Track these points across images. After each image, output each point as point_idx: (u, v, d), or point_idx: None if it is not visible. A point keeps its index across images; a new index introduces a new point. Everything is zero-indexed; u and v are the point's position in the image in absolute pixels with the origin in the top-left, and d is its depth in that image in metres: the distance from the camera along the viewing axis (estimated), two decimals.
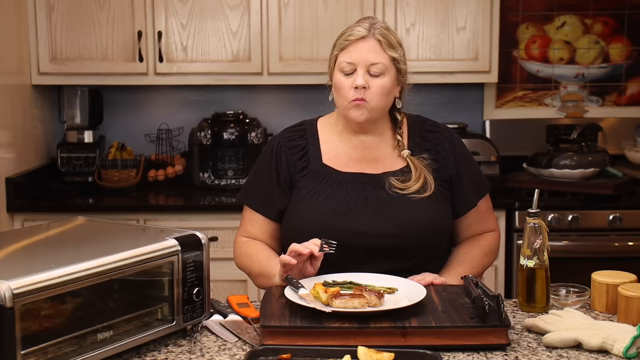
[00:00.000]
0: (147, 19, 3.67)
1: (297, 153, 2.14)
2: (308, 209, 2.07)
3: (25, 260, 1.62)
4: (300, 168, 2.12)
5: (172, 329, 1.71)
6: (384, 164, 2.11)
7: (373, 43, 2.03)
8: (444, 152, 2.14)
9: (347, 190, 2.07)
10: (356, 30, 2.04)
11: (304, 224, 2.05)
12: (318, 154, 2.13)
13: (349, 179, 2.09)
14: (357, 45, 2.03)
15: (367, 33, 2.03)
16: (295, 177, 2.12)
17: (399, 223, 2.03)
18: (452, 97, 4.09)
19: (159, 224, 3.33)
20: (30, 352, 1.42)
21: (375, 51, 2.03)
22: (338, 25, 3.68)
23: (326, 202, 2.06)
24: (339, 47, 2.06)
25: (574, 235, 3.51)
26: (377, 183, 2.08)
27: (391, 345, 1.62)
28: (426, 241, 2.06)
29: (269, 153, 2.16)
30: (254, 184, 2.18)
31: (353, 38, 2.03)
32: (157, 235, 1.75)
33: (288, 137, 2.17)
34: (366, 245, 2.02)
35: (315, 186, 2.09)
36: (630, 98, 4.13)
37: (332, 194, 2.07)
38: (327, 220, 2.03)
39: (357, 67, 2.02)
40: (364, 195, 2.06)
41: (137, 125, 4.05)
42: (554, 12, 4.08)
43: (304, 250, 1.87)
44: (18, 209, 3.47)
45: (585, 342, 1.65)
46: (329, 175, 2.10)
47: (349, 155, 2.12)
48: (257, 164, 2.21)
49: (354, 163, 2.12)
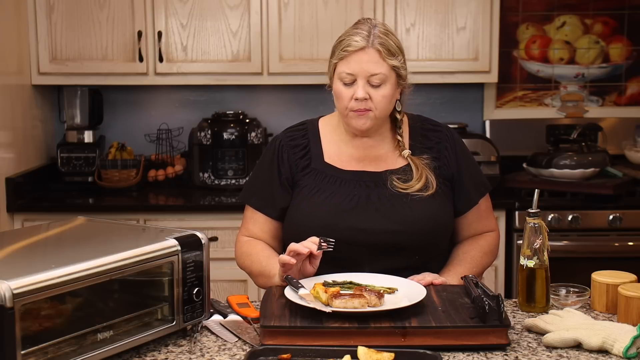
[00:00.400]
0: (147, 19, 3.67)
1: (299, 152, 2.13)
2: (311, 207, 2.06)
3: (25, 260, 1.62)
4: (302, 167, 2.12)
5: (172, 329, 1.71)
6: (386, 162, 2.12)
7: (372, 53, 2.00)
8: (445, 150, 2.14)
9: (349, 188, 2.07)
10: (354, 41, 2.00)
11: (306, 222, 2.04)
12: (320, 153, 2.13)
13: (351, 177, 2.09)
14: (356, 56, 2.00)
15: (365, 43, 1.99)
16: (297, 175, 2.11)
17: (402, 220, 2.03)
18: (452, 97, 4.09)
19: (159, 224, 3.33)
20: (30, 352, 1.42)
21: (375, 61, 2.00)
22: (338, 25, 3.68)
23: (329, 199, 2.06)
24: (337, 56, 2.03)
25: (574, 235, 3.51)
26: (379, 181, 2.08)
27: (391, 345, 1.62)
28: (428, 239, 2.06)
29: (271, 152, 2.16)
30: (255, 184, 2.18)
31: (352, 49, 2.00)
32: (157, 235, 1.75)
33: (290, 137, 2.16)
34: (369, 243, 2.02)
35: (317, 184, 2.09)
36: (630, 98, 4.12)
37: (334, 191, 2.07)
38: (329, 217, 2.03)
39: (357, 78, 2.00)
40: (367, 193, 2.06)
41: (137, 125, 4.05)
42: (554, 12, 4.08)
43: (302, 250, 1.87)
44: (18, 209, 3.47)
45: (585, 342, 1.65)
46: (331, 173, 2.10)
47: (351, 154, 2.12)
48: (258, 164, 2.20)
49: (355, 162, 2.12)
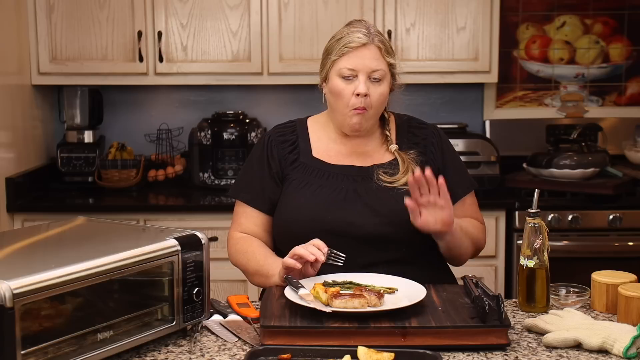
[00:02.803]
0: (147, 19, 3.67)
1: (288, 147, 2.17)
2: (299, 200, 2.09)
3: (25, 260, 1.62)
4: (291, 161, 2.15)
5: (172, 329, 1.71)
6: (372, 157, 2.15)
7: (374, 50, 2.06)
8: (431, 146, 2.17)
9: (337, 182, 2.10)
10: (356, 37, 2.06)
11: (295, 215, 2.07)
12: (308, 148, 2.17)
13: (338, 171, 2.12)
14: (358, 52, 2.05)
15: (367, 40, 2.06)
16: (286, 169, 2.14)
17: (389, 213, 2.05)
18: (452, 97, 4.09)
19: (159, 224, 3.33)
20: (30, 352, 1.42)
21: (376, 58, 2.06)
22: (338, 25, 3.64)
23: (317, 192, 2.09)
24: (338, 53, 2.07)
25: (574, 235, 3.51)
26: (366, 175, 2.11)
27: (391, 345, 1.62)
28: (414, 232, 2.05)
29: (260, 148, 2.20)
30: (244, 179, 2.21)
31: (354, 45, 2.05)
32: (157, 235, 1.75)
33: (279, 133, 2.21)
34: (356, 235, 2.03)
35: (305, 178, 2.12)
36: (630, 98, 4.12)
37: (322, 185, 2.10)
38: (318, 210, 2.06)
39: (359, 74, 2.05)
40: (354, 186, 2.09)
41: (137, 125, 4.05)
42: (554, 12, 4.08)
43: (308, 257, 1.87)
44: (18, 209, 3.47)
45: (585, 342, 1.65)
46: (319, 167, 2.13)
47: (338, 149, 2.16)
48: (248, 160, 2.24)
49: (343, 157, 2.15)
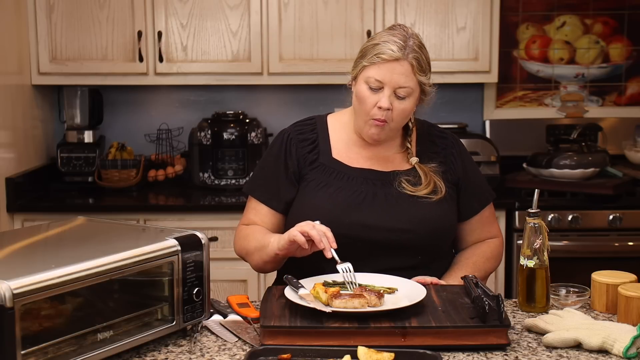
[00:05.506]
0: (147, 19, 3.67)
1: (308, 146, 2.13)
2: (317, 201, 2.06)
3: (25, 260, 1.62)
4: (310, 161, 2.11)
5: (172, 329, 1.71)
6: (393, 163, 2.12)
7: (405, 66, 1.98)
8: (451, 156, 2.15)
9: (356, 185, 2.07)
10: (389, 49, 1.97)
11: (312, 216, 2.01)
12: (328, 148, 2.13)
13: (358, 174, 2.09)
14: (389, 65, 1.97)
15: (401, 55, 1.97)
16: (305, 169, 2.11)
17: (407, 219, 2.03)
18: (452, 97, 4.08)
19: (159, 224, 3.33)
20: (30, 352, 1.42)
21: (406, 75, 1.98)
22: (338, 26, 3.68)
23: (335, 194, 2.05)
24: (369, 60, 1.99)
25: (574, 235, 3.51)
26: (387, 180, 2.08)
27: (391, 345, 1.62)
28: (433, 239, 2.05)
29: (278, 145, 2.15)
30: (261, 176, 2.17)
31: (386, 57, 1.97)
32: (157, 235, 1.75)
33: (298, 130, 2.16)
34: (373, 240, 2.01)
35: (324, 179, 2.08)
36: (630, 98, 4.12)
37: (341, 187, 2.06)
38: (335, 212, 2.02)
39: (385, 87, 1.98)
40: (374, 190, 2.06)
41: (137, 125, 4.05)
42: (554, 12, 4.08)
43: (319, 245, 1.84)
44: (18, 209, 3.46)
45: (585, 342, 1.65)
46: (338, 169, 2.10)
47: (359, 152, 2.12)
48: (265, 156, 2.19)
49: (363, 160, 2.11)
